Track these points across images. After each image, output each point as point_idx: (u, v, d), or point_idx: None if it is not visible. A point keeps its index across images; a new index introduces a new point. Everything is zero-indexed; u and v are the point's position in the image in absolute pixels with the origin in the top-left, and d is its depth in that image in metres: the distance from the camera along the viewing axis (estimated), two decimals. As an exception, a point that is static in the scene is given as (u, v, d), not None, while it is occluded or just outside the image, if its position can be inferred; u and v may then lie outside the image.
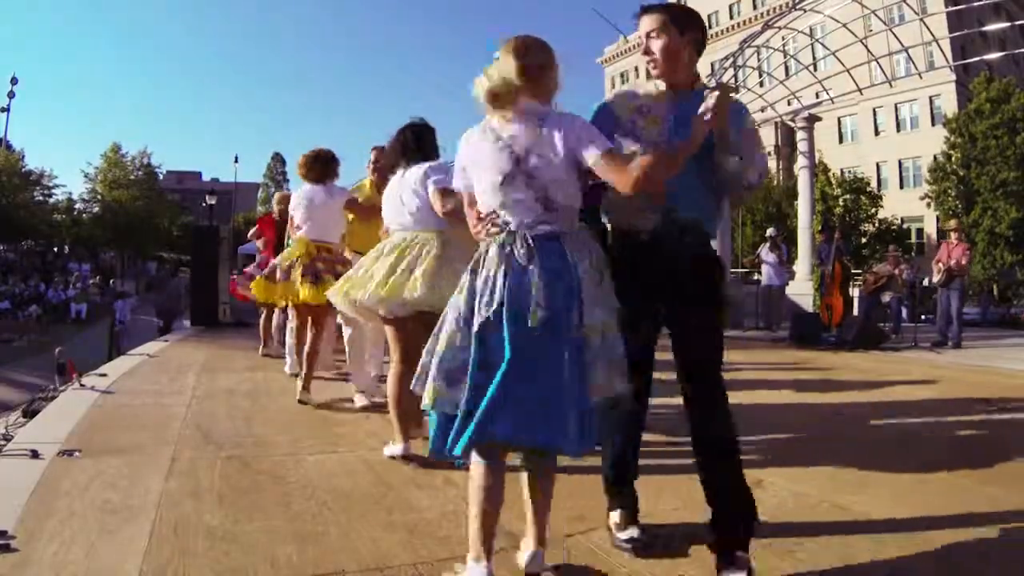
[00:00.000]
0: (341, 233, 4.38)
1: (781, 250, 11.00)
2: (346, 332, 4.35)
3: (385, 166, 3.46)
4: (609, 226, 2.10)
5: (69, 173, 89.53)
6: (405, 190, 2.99)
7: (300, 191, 4.31)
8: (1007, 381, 5.64)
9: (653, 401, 2.18)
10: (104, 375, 4.78)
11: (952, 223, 9.93)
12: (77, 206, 35.70)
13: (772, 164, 28.79)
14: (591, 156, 1.71)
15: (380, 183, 4.65)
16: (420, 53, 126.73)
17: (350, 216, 4.30)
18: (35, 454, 2.73)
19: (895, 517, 2.32)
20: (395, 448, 2.90)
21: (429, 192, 2.88)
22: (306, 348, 4.13)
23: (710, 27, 45.13)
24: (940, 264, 8.38)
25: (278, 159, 54.17)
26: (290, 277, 4.14)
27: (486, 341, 1.68)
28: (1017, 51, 20.37)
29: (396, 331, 2.95)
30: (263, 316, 6.20)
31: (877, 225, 28.84)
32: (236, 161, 46.14)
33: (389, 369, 3.08)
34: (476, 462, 1.72)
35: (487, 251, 1.78)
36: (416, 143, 3.05)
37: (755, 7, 41.28)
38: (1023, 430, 3.91)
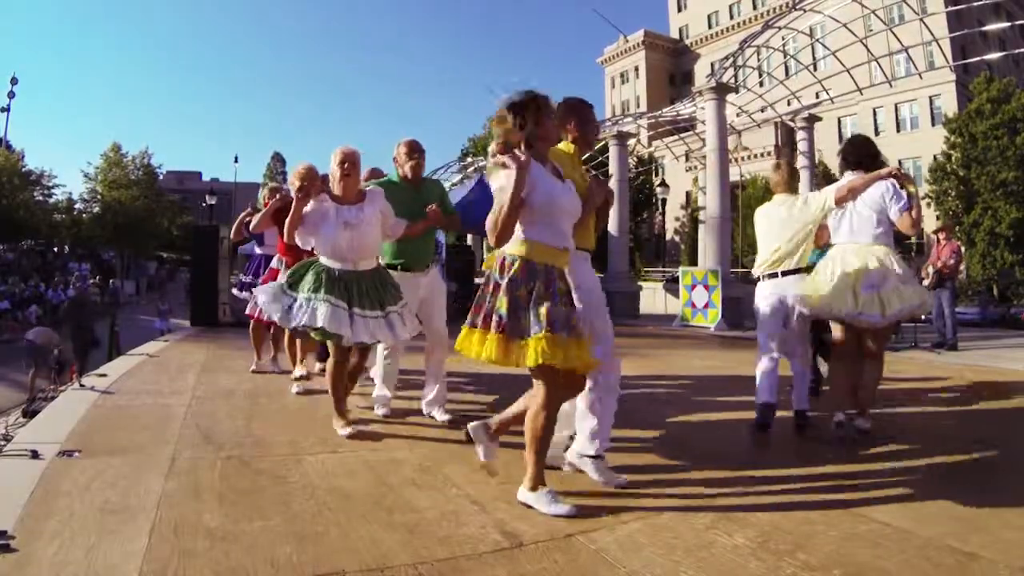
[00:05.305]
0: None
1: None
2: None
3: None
4: None
5: (69, 173, 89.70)
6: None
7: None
8: (1006, 381, 5.63)
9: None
10: (104, 375, 4.78)
11: (938, 224, 9.88)
12: (77, 206, 35.70)
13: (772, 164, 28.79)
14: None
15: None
16: (420, 53, 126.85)
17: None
18: (35, 454, 2.73)
19: (894, 515, 2.32)
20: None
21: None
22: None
23: (710, 27, 45.74)
24: (930, 268, 8.41)
25: (278, 159, 54.31)
26: None
27: None
28: (1017, 51, 20.40)
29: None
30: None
31: (877, 225, 28.81)
32: (236, 161, 46.43)
33: None
34: None
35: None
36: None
37: (755, 7, 41.37)
38: (1020, 429, 3.92)
